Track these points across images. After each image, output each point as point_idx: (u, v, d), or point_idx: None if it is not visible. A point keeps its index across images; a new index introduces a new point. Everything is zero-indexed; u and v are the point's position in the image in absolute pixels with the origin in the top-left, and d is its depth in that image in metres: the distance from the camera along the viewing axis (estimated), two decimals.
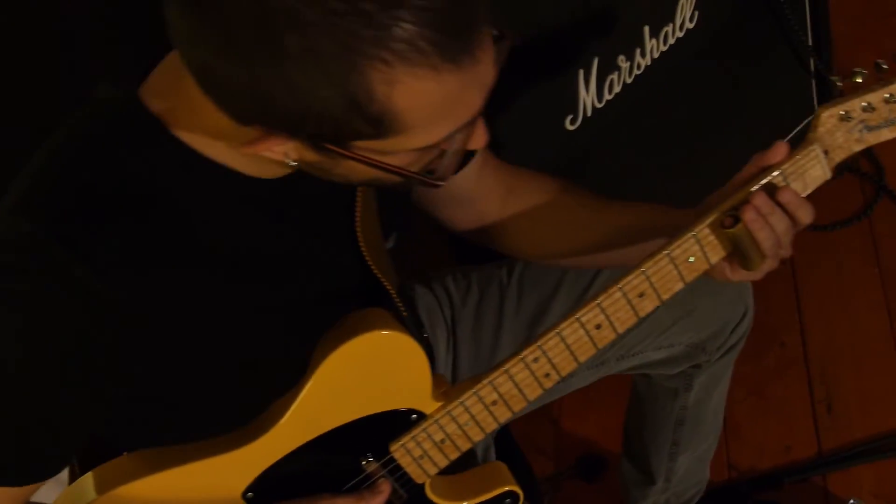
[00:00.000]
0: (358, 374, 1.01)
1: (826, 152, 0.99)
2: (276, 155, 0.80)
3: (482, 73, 0.76)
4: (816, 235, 2.19)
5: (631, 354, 1.37)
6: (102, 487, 1.00)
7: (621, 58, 1.67)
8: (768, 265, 1.02)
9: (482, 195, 1.20)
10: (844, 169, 2.27)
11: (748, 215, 0.96)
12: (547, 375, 1.04)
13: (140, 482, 1.01)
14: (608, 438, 1.96)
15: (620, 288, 1.00)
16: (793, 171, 0.98)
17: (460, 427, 1.07)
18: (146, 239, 0.86)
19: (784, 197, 0.97)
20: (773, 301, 2.11)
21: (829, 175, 1.00)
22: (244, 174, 0.89)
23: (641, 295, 1.01)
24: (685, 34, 1.76)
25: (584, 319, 1.01)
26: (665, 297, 1.01)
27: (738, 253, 1.00)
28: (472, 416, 1.06)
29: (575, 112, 1.66)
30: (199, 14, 0.72)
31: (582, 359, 1.04)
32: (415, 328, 1.06)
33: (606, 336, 1.03)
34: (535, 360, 1.02)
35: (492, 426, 1.08)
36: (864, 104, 0.97)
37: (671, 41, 1.75)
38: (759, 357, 2.04)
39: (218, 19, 0.71)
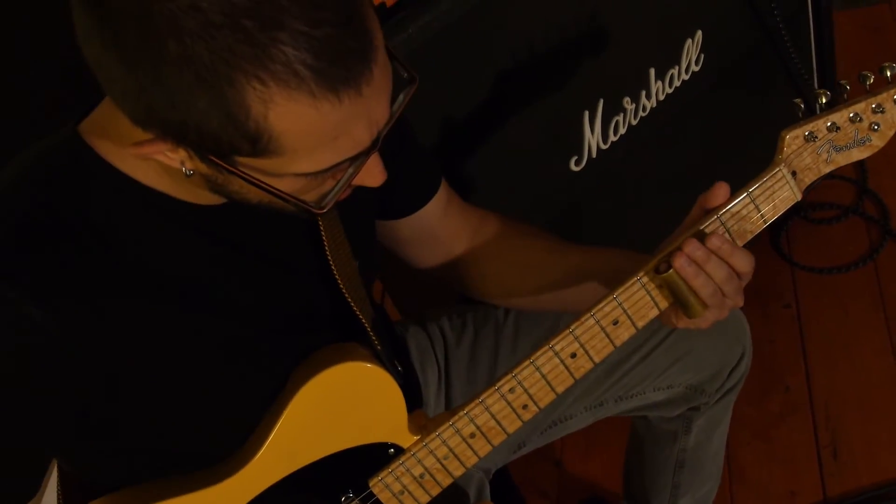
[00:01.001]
0: (332, 407, 0.99)
1: (795, 173, 0.96)
2: (173, 163, 0.79)
3: (369, 109, 0.75)
4: (822, 279, 2.15)
5: (630, 395, 1.34)
6: None
7: (626, 99, 1.66)
8: (713, 314, 0.99)
9: (446, 235, 1.20)
10: (849, 212, 2.23)
11: (678, 262, 0.94)
12: (525, 407, 1.01)
13: None
14: (611, 480, 1.92)
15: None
16: (760, 194, 0.95)
17: (439, 461, 1.04)
18: (84, 266, 0.84)
19: (712, 243, 0.95)
20: (778, 344, 2.07)
21: (798, 196, 0.97)
22: (183, 200, 0.88)
23: (616, 322, 0.98)
24: (691, 76, 1.74)
25: (557, 348, 0.98)
26: (640, 324, 0.99)
27: (677, 299, 0.98)
28: (451, 450, 1.03)
29: (580, 153, 1.64)
30: (91, 8, 0.71)
31: (560, 389, 1.01)
32: (388, 361, 1.03)
33: (583, 365, 1.00)
34: (511, 390, 0.99)
35: (472, 460, 1.05)
36: (829, 124, 0.94)
37: (677, 83, 1.73)
38: (763, 400, 1.99)
39: (106, 16, 0.70)
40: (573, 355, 0.99)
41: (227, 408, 0.98)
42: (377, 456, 1.03)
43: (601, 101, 1.61)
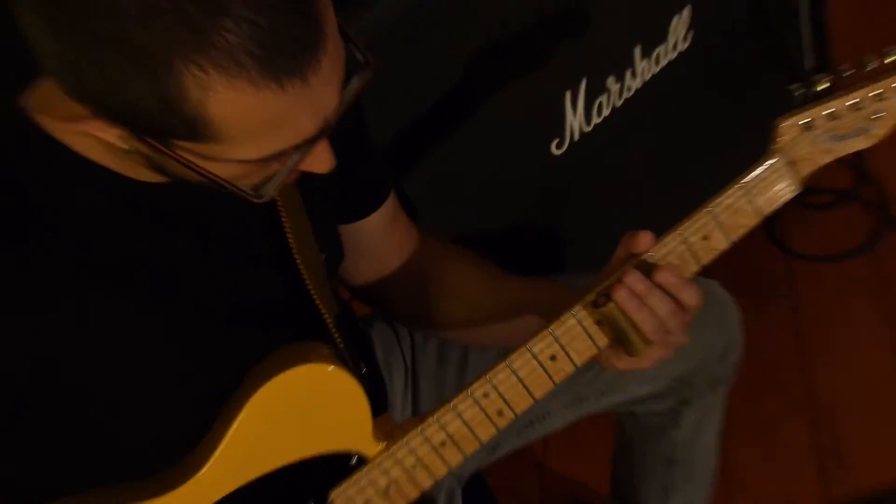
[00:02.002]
0: (290, 413, 0.97)
1: (793, 163, 0.94)
2: (111, 138, 0.78)
3: (316, 97, 0.75)
4: (818, 268, 2.14)
5: (612, 390, 1.33)
6: None
7: (611, 79, 1.65)
8: (656, 352, 0.99)
9: (384, 251, 1.20)
10: (847, 197, 2.22)
11: (618, 295, 0.94)
12: (500, 413, 0.99)
13: None
14: (599, 483, 1.88)
15: (576, 318, 0.95)
16: (755, 186, 0.93)
17: (406, 472, 1.02)
18: (16, 243, 0.83)
19: (661, 278, 0.95)
20: (773, 339, 2.06)
21: (797, 188, 0.95)
22: (127, 177, 0.87)
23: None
24: (678, 55, 1.73)
25: (535, 350, 0.96)
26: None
27: (616, 336, 0.97)
28: (419, 459, 1.01)
29: (561, 136, 1.63)
30: None
31: (538, 394, 1.00)
32: (352, 362, 1.01)
33: (564, 368, 0.98)
34: (486, 395, 0.98)
35: (442, 470, 1.03)
36: (827, 112, 0.92)
37: (663, 62, 1.72)
38: (758, 400, 1.98)
39: None
40: (553, 358, 0.97)
41: (171, 409, 0.95)
42: (339, 466, 1.01)
43: (584, 80, 1.60)
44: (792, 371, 2.01)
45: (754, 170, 0.94)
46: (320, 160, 0.84)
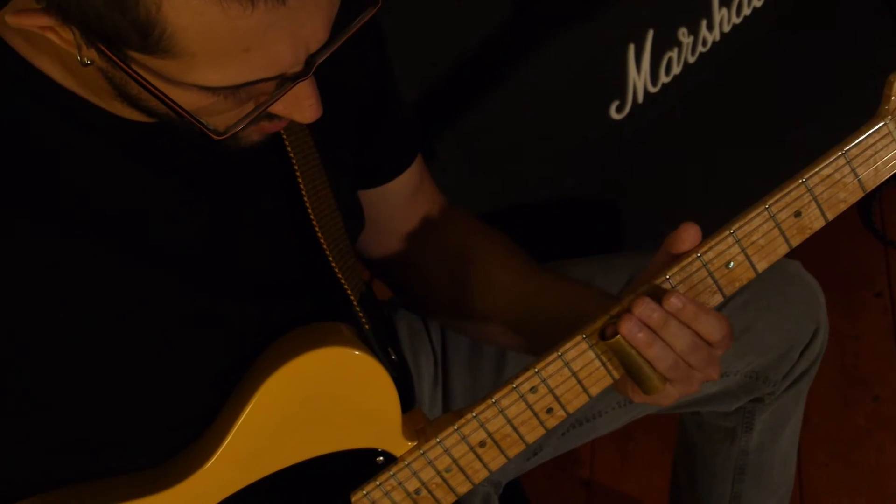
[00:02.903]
0: (307, 402, 0.98)
1: None
2: (64, 44, 0.79)
3: (295, 22, 0.75)
4: None
5: None
6: None
7: (682, 31, 1.65)
8: (677, 389, 0.98)
9: (408, 224, 1.21)
10: None
11: (625, 327, 0.93)
12: (549, 411, 1.00)
13: None
14: (652, 501, 1.92)
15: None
16: (859, 154, 0.93)
17: (440, 474, 1.03)
18: None
19: (671, 304, 0.93)
20: (866, 342, 2.05)
21: None
22: (115, 114, 0.88)
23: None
24: (763, 4, 1.73)
25: (593, 339, 0.97)
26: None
27: (628, 371, 0.97)
28: (455, 461, 1.02)
29: (622, 97, 1.64)
30: None
31: (594, 391, 1.00)
32: (380, 347, 1.02)
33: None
34: (533, 390, 0.98)
35: (481, 474, 1.04)
36: None
37: (746, 12, 1.72)
38: (845, 412, 1.98)
39: None
40: None
41: (170, 392, 0.97)
42: (362, 465, 1.02)
43: (650, 32, 1.61)
44: (885, 381, 2.01)
45: (859, 136, 0.93)
46: (303, 106, 0.84)
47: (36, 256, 0.87)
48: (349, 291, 1.02)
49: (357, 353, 0.97)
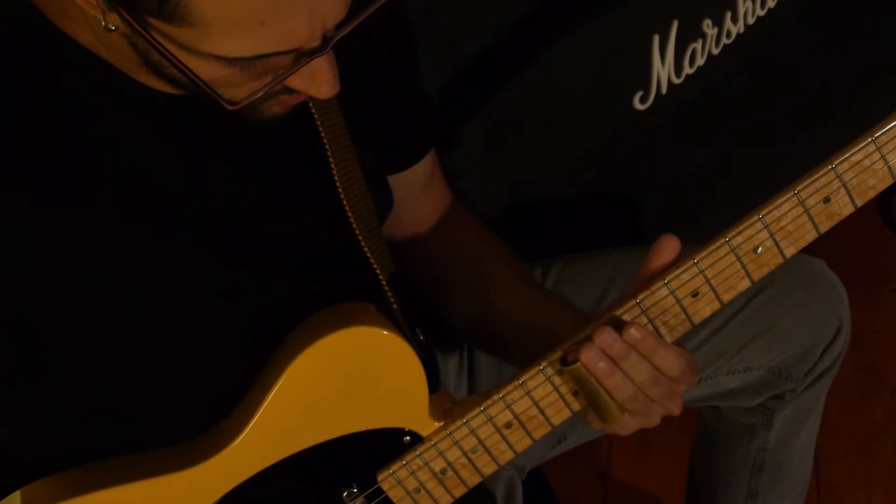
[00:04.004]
0: (336, 381, 0.98)
1: None
2: (91, 9, 0.79)
3: None
4: None
5: (698, 380, 1.33)
6: None
7: (707, 22, 1.64)
8: (636, 421, 0.98)
9: (414, 213, 1.22)
10: None
11: (585, 355, 0.93)
12: (577, 394, 0.99)
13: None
14: (668, 495, 1.91)
15: (667, 283, 0.95)
16: (888, 141, 0.92)
17: (466, 455, 1.03)
18: (23, 154, 0.85)
19: (630, 336, 0.92)
20: (884, 336, 2.04)
21: None
22: (149, 86, 0.89)
23: (695, 294, 0.96)
24: None
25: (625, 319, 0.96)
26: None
27: (587, 399, 0.96)
28: (481, 442, 1.02)
29: (646, 88, 1.63)
30: None
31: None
32: (407, 327, 1.02)
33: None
34: (559, 372, 0.98)
35: (506, 456, 1.03)
36: None
37: (770, 4, 1.71)
38: (863, 406, 1.97)
39: None
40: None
41: (201, 365, 0.98)
42: (389, 444, 1.02)
43: (675, 23, 1.59)
44: None
45: (890, 121, 0.91)
46: (320, 82, 0.83)
47: (70, 225, 0.88)
48: (378, 271, 1.02)
49: (386, 333, 0.97)
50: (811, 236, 0.96)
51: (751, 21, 1.68)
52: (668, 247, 0.95)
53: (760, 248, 0.95)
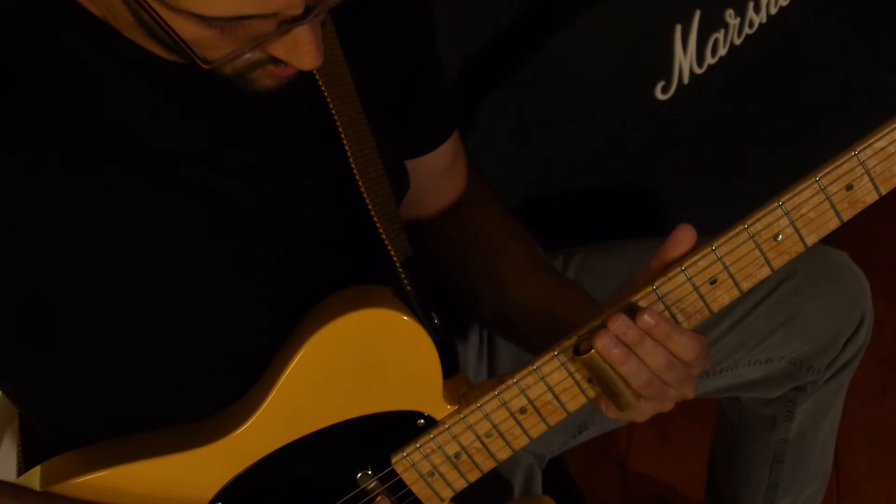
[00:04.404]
0: (351, 362, 0.97)
1: None
2: None
3: None
4: None
5: (718, 371, 1.33)
6: (47, 482, 0.99)
7: (730, 12, 1.64)
8: (651, 406, 0.98)
9: (434, 196, 1.21)
10: None
11: (600, 343, 0.92)
12: (591, 381, 0.98)
13: (86, 479, 0.98)
14: (688, 485, 1.90)
15: (684, 270, 0.94)
16: None
17: (480, 439, 1.02)
18: (36, 114, 0.85)
19: (644, 322, 0.92)
20: None
21: None
22: (158, 55, 0.89)
23: (713, 281, 0.95)
24: None
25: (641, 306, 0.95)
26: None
27: (602, 387, 0.96)
28: (495, 427, 1.01)
29: (668, 78, 1.63)
30: None
31: None
32: (421, 310, 1.01)
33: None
34: (573, 358, 0.97)
35: (521, 441, 1.03)
36: None
37: None
38: (883, 398, 1.96)
39: None
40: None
41: (211, 339, 0.98)
42: (403, 427, 1.02)
43: (697, 13, 1.59)
44: None
45: None
46: (301, 52, 0.83)
47: (73, 190, 0.88)
48: (393, 252, 1.01)
49: (400, 315, 0.97)
50: (833, 224, 0.94)
51: (773, 11, 1.68)
52: (685, 238, 0.94)
53: (781, 236, 0.94)
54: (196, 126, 0.93)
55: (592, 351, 0.93)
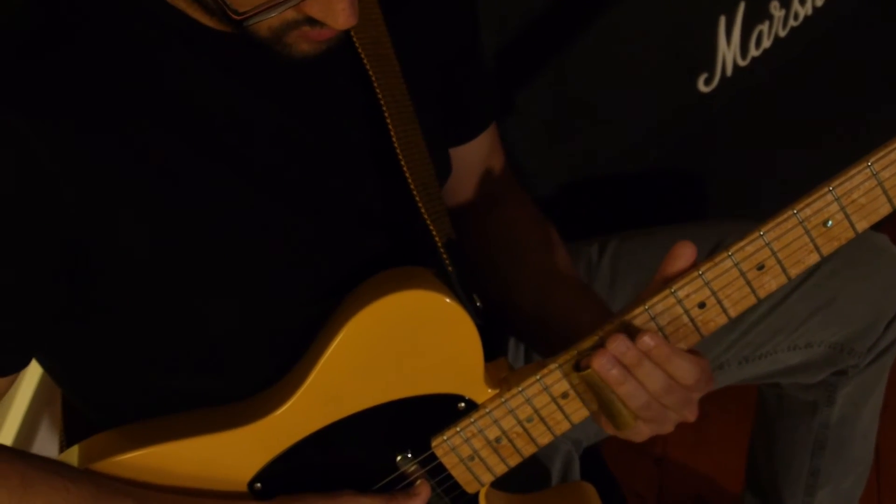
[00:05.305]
0: (392, 344, 0.97)
1: None
2: None
3: None
4: None
5: (757, 356, 1.31)
6: (86, 461, 0.99)
7: (774, 4, 1.63)
8: (650, 428, 0.96)
9: (471, 186, 1.20)
10: None
11: (598, 363, 0.90)
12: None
13: (124, 458, 0.98)
14: (725, 480, 1.89)
15: (731, 255, 0.92)
16: None
17: (521, 424, 1.01)
18: (87, 79, 0.85)
19: (643, 343, 0.90)
20: None
21: None
22: (203, 24, 0.89)
23: (761, 267, 0.93)
24: None
25: (680, 294, 0.93)
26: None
27: (600, 405, 0.94)
28: (536, 412, 1.00)
29: (711, 70, 1.62)
30: None
31: (682, 346, 0.96)
32: (463, 292, 1.01)
33: (713, 319, 0.95)
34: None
35: (562, 426, 1.01)
36: None
37: None
38: None
39: None
40: (702, 305, 0.94)
41: (253, 314, 0.97)
42: (444, 410, 1.01)
43: (742, 4, 1.58)
44: None
45: None
46: (336, 10, 0.83)
47: (122, 156, 0.87)
48: (435, 233, 1.01)
49: (443, 297, 0.96)
50: (885, 210, 0.92)
51: (819, 3, 1.66)
52: (684, 254, 0.93)
53: (831, 222, 0.91)
54: (243, 96, 0.93)
55: (590, 369, 0.92)
